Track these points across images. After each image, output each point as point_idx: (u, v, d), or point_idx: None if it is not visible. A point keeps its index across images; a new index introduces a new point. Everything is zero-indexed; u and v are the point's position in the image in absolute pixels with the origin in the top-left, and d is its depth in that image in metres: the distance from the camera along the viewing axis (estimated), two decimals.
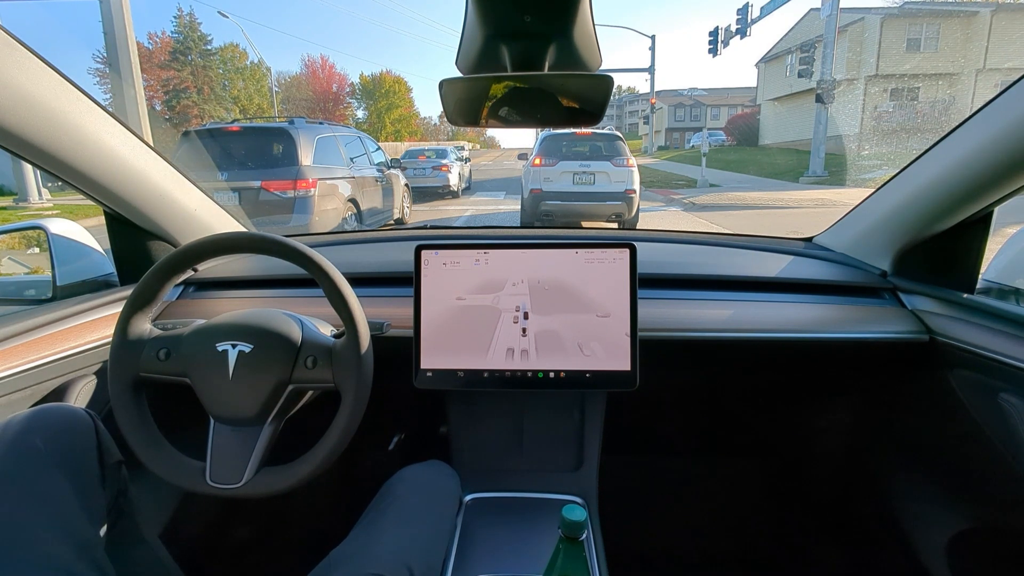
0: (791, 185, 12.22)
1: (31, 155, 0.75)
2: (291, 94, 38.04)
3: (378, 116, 42.65)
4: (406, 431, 1.30)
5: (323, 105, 38.99)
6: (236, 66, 31.62)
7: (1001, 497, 0.82)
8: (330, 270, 0.71)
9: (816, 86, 12.12)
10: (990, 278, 0.92)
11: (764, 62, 24.57)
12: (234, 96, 30.92)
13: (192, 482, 0.68)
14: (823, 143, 12.60)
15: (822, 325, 0.93)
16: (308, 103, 38.40)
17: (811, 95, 19.03)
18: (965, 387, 0.82)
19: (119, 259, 1.04)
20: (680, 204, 9.83)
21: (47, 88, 0.72)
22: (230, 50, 31.30)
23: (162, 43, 28.25)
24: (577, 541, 0.59)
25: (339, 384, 0.70)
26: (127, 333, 0.70)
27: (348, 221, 5.20)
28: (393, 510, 0.74)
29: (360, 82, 43.04)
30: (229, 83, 31.35)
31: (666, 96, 39.12)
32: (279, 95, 36.67)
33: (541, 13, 0.59)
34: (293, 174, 4.59)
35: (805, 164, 13.44)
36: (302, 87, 38.62)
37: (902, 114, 16.52)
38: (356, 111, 44.03)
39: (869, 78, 17.04)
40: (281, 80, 38.81)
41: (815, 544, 1.25)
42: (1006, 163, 0.72)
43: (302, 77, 39.21)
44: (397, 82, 43.40)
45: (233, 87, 31.34)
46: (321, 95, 39.12)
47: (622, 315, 0.82)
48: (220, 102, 29.79)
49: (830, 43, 11.93)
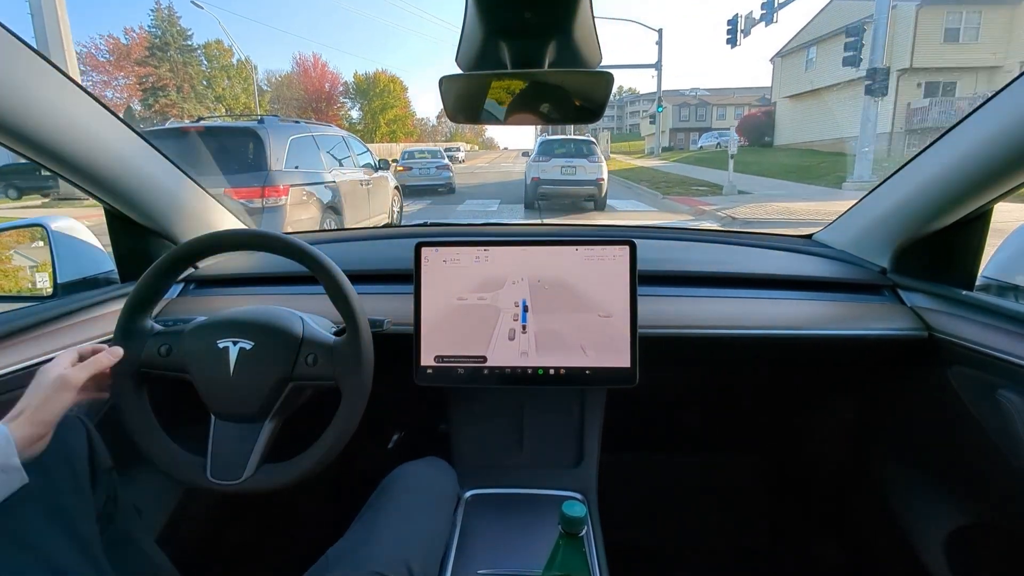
0: (837, 193, 10.12)
1: (32, 152, 0.75)
2: (281, 93, 36.76)
3: (372, 116, 41.47)
4: (405, 429, 1.31)
5: (315, 105, 37.62)
6: (221, 63, 30.09)
7: (999, 493, 0.82)
8: (330, 267, 0.71)
9: (865, 75, 10.27)
10: (989, 275, 0.92)
11: (780, 56, 22.55)
12: (219, 95, 29.57)
13: (193, 477, 0.68)
14: (871, 142, 10.61)
15: (822, 322, 0.93)
16: (299, 102, 37.03)
17: (832, 92, 18.24)
18: (964, 384, 0.83)
19: (119, 256, 1.04)
20: (714, 218, 7.86)
21: (48, 86, 0.72)
22: (215, 47, 29.78)
23: (139, 38, 27.07)
24: (577, 537, 0.59)
25: (339, 381, 0.70)
26: (129, 328, 0.71)
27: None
28: (391, 507, 0.74)
29: (354, 81, 41.51)
30: (213, 81, 29.78)
31: (669, 96, 36.85)
32: (269, 94, 35.46)
33: (541, 10, 0.59)
34: (261, 180, 4.04)
35: (834, 166, 12.10)
36: (294, 86, 37.42)
37: (939, 110, 14.85)
38: (350, 111, 42.48)
39: (902, 72, 15.93)
40: (272, 79, 37.81)
41: (814, 539, 1.25)
42: (1005, 160, 0.73)
43: (294, 76, 38.00)
44: (392, 81, 42.28)
45: (217, 85, 29.74)
46: (313, 94, 37.90)
47: (622, 312, 0.82)
48: (202, 100, 28.77)
49: (882, 24, 9.95)
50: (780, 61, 22.78)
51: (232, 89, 30.49)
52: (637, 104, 59.59)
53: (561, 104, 0.72)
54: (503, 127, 54.18)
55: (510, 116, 0.72)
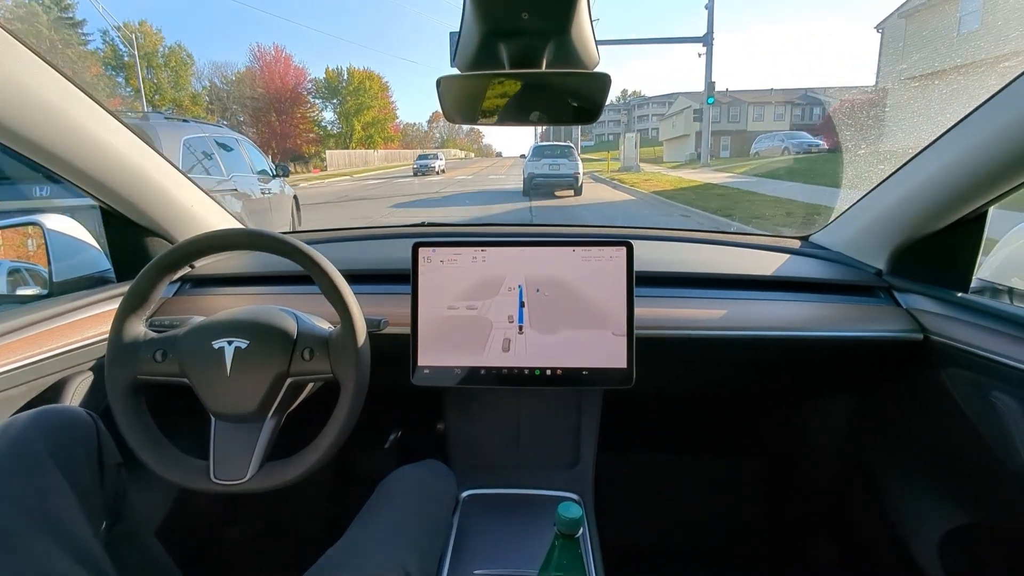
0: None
1: (27, 150, 0.75)
2: (239, 91, 31.50)
3: (346, 119, 35.95)
4: (402, 429, 1.31)
5: (278, 105, 32.24)
6: (143, 50, 23.87)
7: (993, 494, 0.83)
8: (326, 266, 0.71)
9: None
10: (984, 277, 0.92)
11: (905, 16, 13.86)
12: (135, 88, 23.38)
13: (196, 481, 0.68)
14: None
15: (817, 324, 0.93)
16: (258, 102, 31.49)
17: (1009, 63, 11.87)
18: (959, 385, 0.83)
19: (115, 255, 1.04)
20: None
21: (44, 84, 0.71)
22: (134, 29, 23.28)
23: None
24: (573, 537, 0.60)
25: (338, 373, 0.70)
26: (123, 335, 0.70)
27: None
28: (389, 510, 0.74)
29: (325, 77, 35.73)
30: (128, 69, 23.48)
31: (696, 96, 31.05)
32: (227, 94, 30.85)
33: (539, 10, 0.59)
34: None
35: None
36: (255, 82, 31.77)
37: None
38: (323, 112, 36.21)
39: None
40: (225, 75, 32.06)
41: (809, 540, 1.26)
42: (1001, 163, 0.73)
43: (255, 71, 32.36)
44: (368, 78, 36.49)
45: (128, 77, 23.42)
46: (275, 93, 32.16)
47: (619, 313, 0.82)
48: (94, 92, 23.58)
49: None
50: (905, 23, 14.01)
51: (155, 81, 24.73)
52: (645, 108, 57.77)
53: (558, 105, 0.72)
54: (501, 132, 50.82)
55: (507, 117, 0.73)
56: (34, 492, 0.56)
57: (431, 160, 21.57)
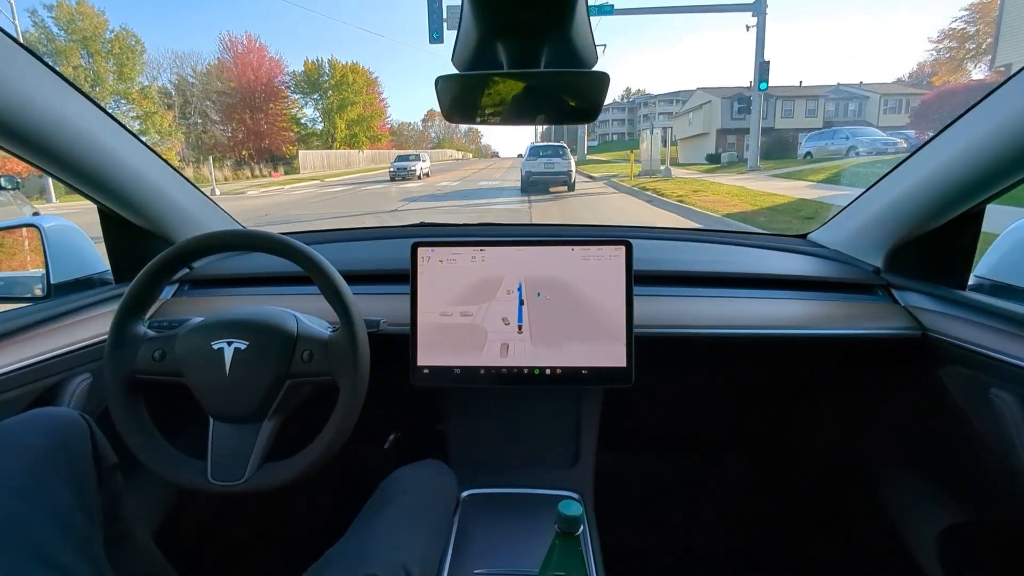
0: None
1: (25, 151, 0.75)
2: (207, 84, 28.03)
3: (328, 116, 32.80)
4: (401, 429, 1.31)
5: (251, 101, 28.77)
6: (82, 34, 20.46)
7: (991, 491, 0.83)
8: (325, 266, 0.71)
9: None
10: (982, 274, 0.92)
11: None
12: (72, 77, 19.44)
13: (194, 481, 0.68)
14: None
15: (816, 322, 0.93)
16: (230, 98, 27.90)
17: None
18: (957, 383, 0.83)
19: (114, 257, 1.03)
20: None
21: (41, 85, 0.71)
22: (64, 11, 20.05)
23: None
24: (573, 536, 0.60)
25: (336, 376, 0.70)
26: (121, 335, 0.70)
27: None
28: (389, 510, 0.74)
29: (304, 70, 31.81)
30: (60, 55, 20.42)
31: (714, 91, 28.09)
32: (196, 87, 27.38)
33: (538, 10, 0.59)
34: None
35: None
36: (226, 75, 28.18)
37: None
38: (304, 108, 32.76)
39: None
40: (195, 67, 28.45)
41: (808, 538, 1.26)
42: (998, 161, 0.73)
43: (227, 63, 28.76)
44: (353, 71, 32.55)
45: (64, 65, 19.82)
46: (248, 87, 28.73)
47: (618, 312, 0.82)
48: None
49: None
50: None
51: (94, 70, 20.91)
52: (653, 105, 55.30)
53: (557, 104, 0.72)
54: (500, 132, 49.76)
55: (506, 116, 0.73)
56: (36, 486, 0.56)
57: (411, 162, 18.70)
